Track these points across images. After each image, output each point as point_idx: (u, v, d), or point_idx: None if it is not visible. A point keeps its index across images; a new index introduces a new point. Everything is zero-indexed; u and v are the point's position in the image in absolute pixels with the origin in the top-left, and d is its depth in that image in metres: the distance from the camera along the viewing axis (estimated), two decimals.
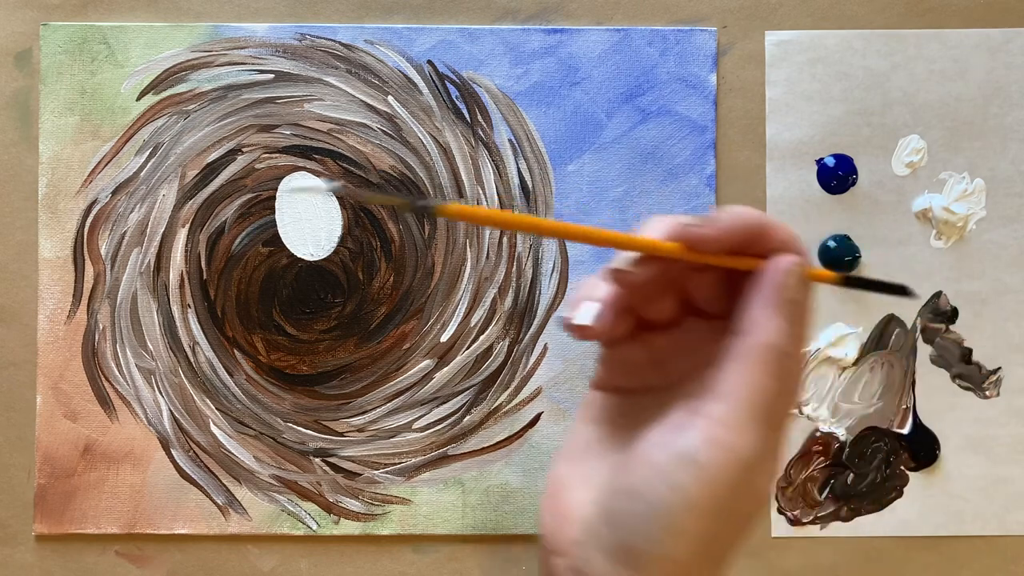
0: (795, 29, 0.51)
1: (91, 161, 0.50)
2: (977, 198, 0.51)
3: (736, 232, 0.29)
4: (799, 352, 0.29)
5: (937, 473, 0.51)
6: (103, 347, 0.50)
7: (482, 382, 0.51)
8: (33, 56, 0.51)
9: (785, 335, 0.29)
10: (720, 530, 0.28)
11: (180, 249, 0.51)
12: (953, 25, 0.51)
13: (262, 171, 0.51)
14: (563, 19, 0.51)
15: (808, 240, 0.51)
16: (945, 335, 0.51)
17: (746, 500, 0.28)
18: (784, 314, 0.29)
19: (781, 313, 0.29)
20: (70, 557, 0.50)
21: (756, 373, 0.28)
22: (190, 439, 0.50)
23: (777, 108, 0.51)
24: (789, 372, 0.29)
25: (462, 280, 0.51)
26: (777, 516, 0.50)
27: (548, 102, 0.51)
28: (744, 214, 0.29)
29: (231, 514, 0.50)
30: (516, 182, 0.51)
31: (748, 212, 0.30)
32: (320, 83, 0.51)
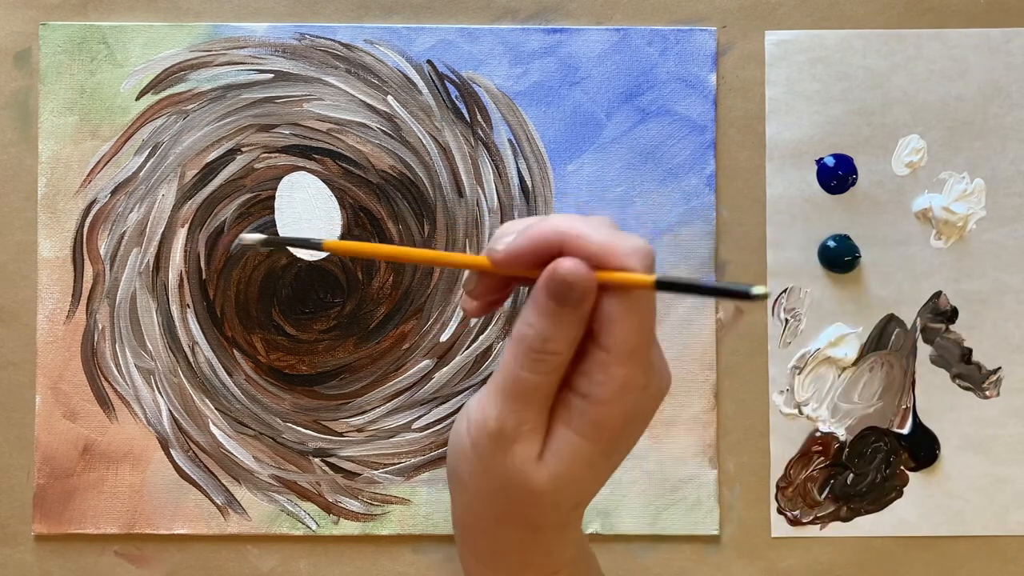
0: (795, 29, 0.51)
1: (90, 161, 0.50)
2: (977, 198, 0.51)
3: (532, 249, 0.32)
4: (558, 349, 0.32)
5: (937, 473, 0.51)
6: (102, 347, 0.50)
7: (482, 382, 0.51)
8: (32, 56, 0.51)
9: (538, 333, 0.32)
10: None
11: (179, 249, 0.51)
12: (953, 25, 0.51)
13: (261, 171, 0.51)
14: (563, 19, 0.51)
15: (808, 240, 0.51)
16: (945, 335, 0.51)
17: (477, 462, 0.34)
18: (542, 313, 0.32)
19: (538, 312, 0.32)
20: (69, 557, 0.50)
21: (508, 361, 0.33)
22: (189, 439, 0.50)
23: (777, 108, 0.51)
24: (540, 365, 0.32)
25: (462, 280, 0.51)
26: (777, 516, 0.50)
27: (548, 102, 0.51)
28: (541, 230, 0.32)
29: (230, 514, 0.50)
30: (516, 182, 0.51)
31: (547, 228, 0.32)
32: (319, 83, 0.51)
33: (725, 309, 0.51)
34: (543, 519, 0.34)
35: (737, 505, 0.50)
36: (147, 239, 0.51)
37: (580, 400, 0.33)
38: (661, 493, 0.50)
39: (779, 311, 0.51)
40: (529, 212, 0.51)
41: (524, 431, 0.33)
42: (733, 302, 0.51)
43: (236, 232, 0.51)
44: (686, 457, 0.50)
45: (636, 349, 0.32)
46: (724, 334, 0.51)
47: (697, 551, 0.50)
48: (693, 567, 0.50)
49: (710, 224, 0.51)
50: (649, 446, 0.50)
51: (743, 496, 0.51)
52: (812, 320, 0.51)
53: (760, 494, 0.51)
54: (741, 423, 0.51)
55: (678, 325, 0.51)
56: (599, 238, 0.32)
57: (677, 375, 0.50)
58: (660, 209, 0.51)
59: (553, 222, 0.32)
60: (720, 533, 0.50)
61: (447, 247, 0.51)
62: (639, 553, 0.50)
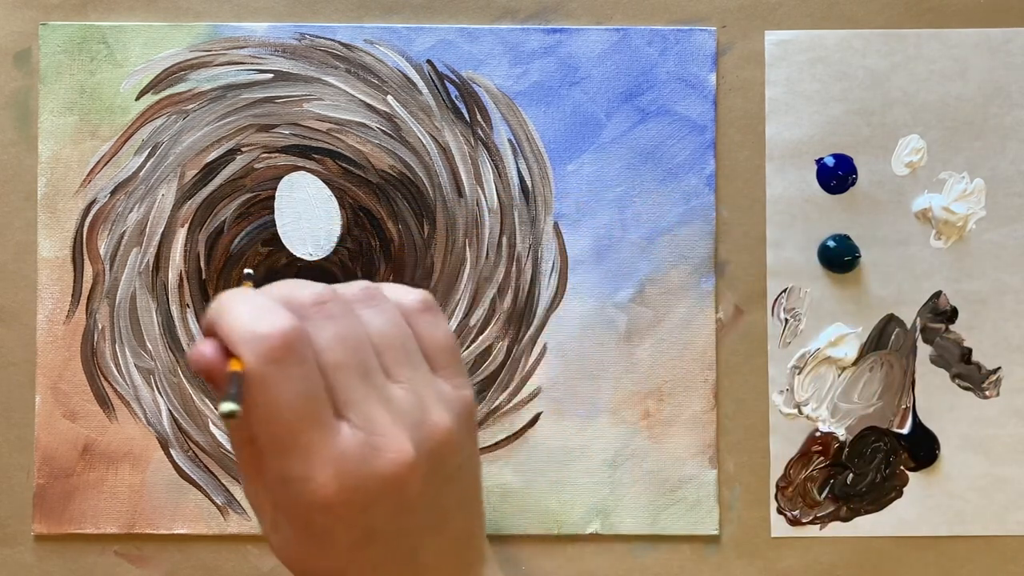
0: (795, 29, 0.51)
1: (90, 161, 0.50)
2: (977, 198, 0.51)
3: (207, 327, 0.33)
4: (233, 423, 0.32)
5: (937, 473, 0.51)
6: (102, 347, 0.50)
7: (481, 382, 0.51)
8: (32, 56, 0.51)
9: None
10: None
11: (179, 249, 0.51)
12: (953, 25, 0.51)
13: (261, 171, 0.51)
14: (562, 19, 0.51)
15: (808, 240, 0.51)
16: (945, 335, 0.51)
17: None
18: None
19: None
20: (69, 557, 0.50)
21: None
22: (189, 439, 0.50)
23: (777, 108, 0.51)
24: (230, 434, 0.35)
25: (461, 280, 0.51)
26: (776, 516, 0.50)
27: (548, 102, 0.51)
28: (210, 310, 0.33)
29: (230, 514, 0.50)
30: (516, 182, 0.51)
31: (213, 307, 0.33)
32: (319, 83, 0.51)
33: (725, 309, 0.51)
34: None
35: (737, 505, 0.51)
36: (147, 239, 0.51)
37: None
38: (661, 493, 0.50)
39: (779, 311, 0.51)
40: (529, 212, 0.51)
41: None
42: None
43: (236, 232, 0.51)
44: (686, 457, 0.50)
45: (265, 439, 0.32)
46: (724, 334, 0.51)
47: (697, 551, 0.50)
48: (693, 567, 0.50)
49: (710, 224, 0.51)
50: (649, 446, 0.50)
51: (743, 496, 0.51)
52: (812, 320, 0.51)
53: (760, 494, 0.51)
54: (741, 423, 0.51)
55: (678, 325, 0.51)
56: (226, 319, 0.32)
57: (677, 375, 0.51)
58: (660, 209, 0.51)
59: (220, 300, 0.33)
60: (720, 533, 0.50)
61: (447, 246, 0.51)
62: (639, 553, 0.50)
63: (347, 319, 0.34)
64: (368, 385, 0.33)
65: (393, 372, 0.34)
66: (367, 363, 0.33)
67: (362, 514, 0.33)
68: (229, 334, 0.32)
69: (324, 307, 0.33)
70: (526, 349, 0.51)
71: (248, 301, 0.32)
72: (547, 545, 0.50)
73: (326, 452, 0.32)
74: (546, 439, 0.50)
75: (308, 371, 0.32)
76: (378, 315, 0.35)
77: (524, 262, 0.51)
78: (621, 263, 0.51)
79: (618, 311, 0.51)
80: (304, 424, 0.31)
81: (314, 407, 0.32)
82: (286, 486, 0.32)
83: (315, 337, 0.33)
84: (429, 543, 0.35)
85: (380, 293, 0.36)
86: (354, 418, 0.32)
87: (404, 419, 0.33)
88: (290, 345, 0.31)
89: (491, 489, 0.50)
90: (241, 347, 0.31)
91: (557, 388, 0.51)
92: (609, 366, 0.51)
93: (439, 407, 0.34)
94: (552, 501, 0.50)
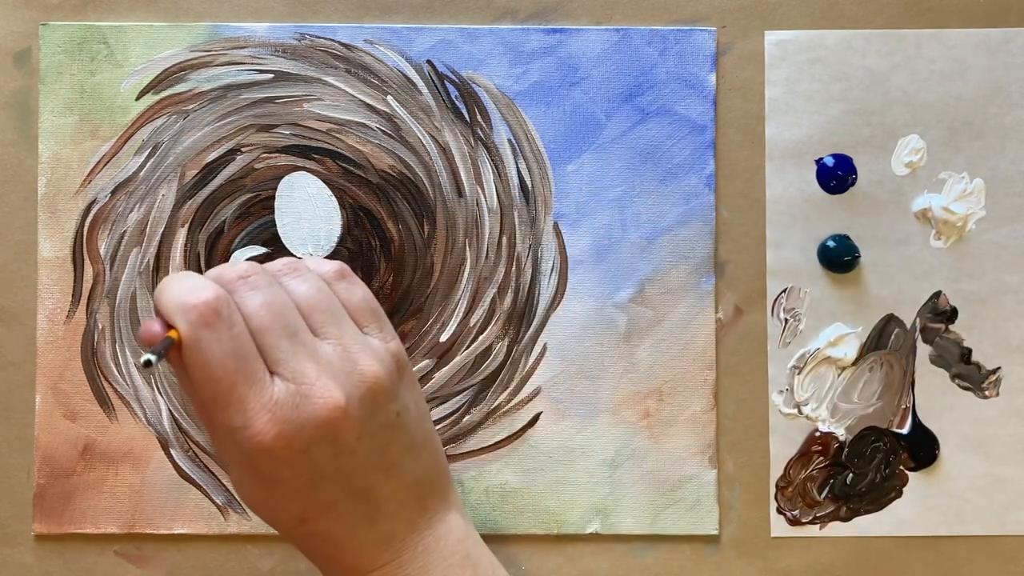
0: (795, 29, 0.51)
1: (90, 161, 0.50)
2: (977, 198, 0.51)
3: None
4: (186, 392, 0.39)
5: (936, 473, 0.51)
6: (102, 347, 0.50)
7: (481, 382, 0.51)
8: (32, 56, 0.51)
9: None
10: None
11: (179, 249, 0.51)
12: (953, 25, 0.51)
13: (261, 171, 0.51)
14: (562, 19, 0.51)
15: (808, 240, 0.51)
16: (944, 335, 0.51)
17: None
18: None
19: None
20: (69, 557, 0.50)
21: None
22: (189, 439, 0.50)
23: (777, 108, 0.51)
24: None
25: (461, 280, 0.51)
26: (776, 516, 0.50)
27: (547, 102, 0.51)
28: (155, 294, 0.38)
29: (230, 514, 0.50)
30: (515, 182, 0.51)
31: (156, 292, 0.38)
32: (319, 83, 0.51)
33: (725, 309, 0.51)
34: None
35: (737, 505, 0.51)
36: (147, 239, 0.51)
37: None
38: (661, 493, 0.50)
39: (779, 311, 0.51)
40: (529, 212, 0.51)
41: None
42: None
43: (236, 232, 0.51)
44: (686, 457, 0.50)
45: (204, 396, 0.37)
46: (724, 334, 0.51)
47: (697, 551, 0.50)
48: (693, 567, 0.50)
49: (710, 224, 0.51)
50: (649, 446, 0.50)
51: (743, 496, 0.51)
52: (812, 320, 0.51)
53: (760, 494, 0.51)
54: (741, 423, 0.51)
55: (678, 325, 0.51)
56: (163, 296, 0.37)
57: (677, 375, 0.51)
58: (660, 209, 0.51)
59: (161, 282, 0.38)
60: (720, 533, 0.50)
61: (447, 247, 0.51)
62: (639, 553, 0.50)
63: (271, 288, 0.38)
64: (296, 343, 0.37)
65: (321, 331, 0.38)
66: (293, 325, 0.37)
67: (303, 456, 0.36)
68: (166, 307, 0.37)
69: (249, 279, 0.38)
70: (526, 349, 0.51)
71: (181, 280, 0.37)
72: (547, 545, 0.50)
73: (260, 402, 0.36)
74: (546, 439, 0.50)
75: (237, 334, 0.36)
76: (302, 283, 0.39)
77: (524, 262, 0.51)
78: (621, 263, 0.51)
79: (618, 311, 0.51)
80: (237, 378, 0.36)
81: (245, 364, 0.36)
82: (231, 436, 0.36)
83: (242, 306, 0.37)
84: (382, 485, 0.39)
85: (302, 264, 0.40)
86: (285, 372, 0.36)
87: (332, 370, 0.37)
88: (215, 311, 0.36)
89: (491, 489, 0.50)
90: (175, 316, 0.36)
91: (557, 388, 0.51)
92: (609, 366, 0.51)
93: (368, 358, 0.38)
94: (552, 501, 0.50)
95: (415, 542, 0.40)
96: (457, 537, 0.41)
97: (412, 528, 0.40)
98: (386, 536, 0.39)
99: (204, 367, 0.36)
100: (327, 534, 0.39)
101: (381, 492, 0.39)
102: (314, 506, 0.38)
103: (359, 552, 0.39)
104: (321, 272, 0.40)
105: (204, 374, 0.36)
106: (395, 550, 0.39)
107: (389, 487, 0.39)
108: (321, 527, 0.38)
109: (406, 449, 0.39)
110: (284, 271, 0.39)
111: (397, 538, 0.39)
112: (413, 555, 0.39)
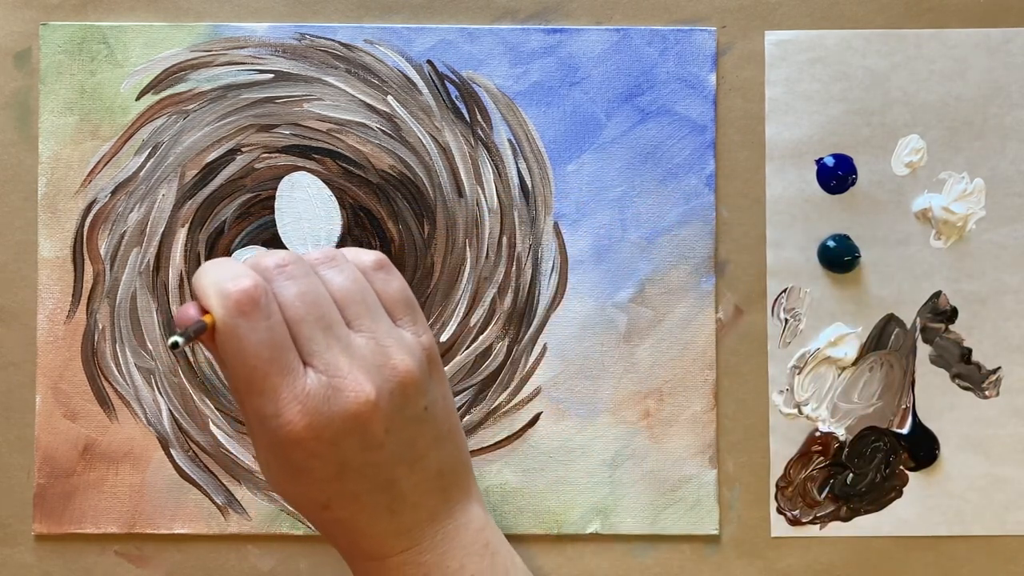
0: (795, 29, 0.51)
1: (90, 161, 0.50)
2: (977, 198, 0.51)
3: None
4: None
5: (936, 473, 0.51)
6: (102, 347, 0.50)
7: (481, 382, 0.51)
8: (32, 56, 0.51)
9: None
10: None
11: (180, 249, 0.51)
12: (953, 25, 0.51)
13: (261, 171, 0.51)
14: (563, 19, 0.51)
15: (808, 240, 0.51)
16: (945, 335, 0.51)
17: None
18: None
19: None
20: (69, 557, 0.50)
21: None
22: (189, 439, 0.50)
23: (777, 108, 0.51)
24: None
25: (461, 280, 0.51)
26: (776, 516, 0.50)
27: (548, 102, 0.51)
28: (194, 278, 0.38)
29: (230, 514, 0.50)
30: (516, 182, 0.51)
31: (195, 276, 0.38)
32: (320, 83, 0.51)
33: (725, 309, 0.51)
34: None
35: (737, 505, 0.51)
36: (147, 239, 0.51)
37: None
38: (661, 493, 0.50)
39: (779, 311, 0.51)
40: (529, 212, 0.51)
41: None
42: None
43: (236, 232, 0.51)
44: (686, 457, 0.50)
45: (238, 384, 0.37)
46: (724, 334, 0.51)
47: (697, 551, 0.50)
48: (693, 567, 0.50)
49: (710, 224, 0.51)
50: (648, 446, 0.50)
51: (743, 496, 0.51)
52: (812, 320, 0.51)
53: (760, 494, 0.51)
54: (741, 423, 0.51)
55: (678, 325, 0.51)
56: (202, 281, 0.37)
57: (677, 375, 0.51)
58: (660, 209, 0.51)
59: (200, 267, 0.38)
60: (720, 533, 0.50)
61: (447, 246, 0.51)
62: (639, 553, 0.50)
63: (308, 279, 0.38)
64: (330, 336, 0.37)
65: (355, 323, 0.38)
66: (329, 316, 0.38)
67: (332, 448, 0.37)
68: (203, 293, 0.37)
69: (286, 269, 0.38)
70: (526, 349, 0.51)
71: (220, 266, 0.37)
72: (547, 545, 0.50)
73: (292, 393, 0.36)
74: (546, 439, 0.50)
75: (273, 324, 0.36)
76: (338, 273, 0.39)
77: (524, 262, 0.51)
78: (621, 263, 0.51)
79: (618, 311, 0.51)
80: (271, 368, 0.36)
81: (279, 354, 0.36)
82: (262, 424, 0.37)
83: (279, 295, 0.37)
84: (406, 478, 0.39)
85: (340, 254, 0.40)
86: (318, 364, 0.37)
87: (365, 363, 0.37)
88: (254, 300, 0.36)
89: (491, 489, 0.50)
90: (212, 302, 0.36)
91: (557, 388, 0.51)
92: (609, 366, 0.51)
93: (400, 352, 0.38)
94: (552, 501, 0.50)
95: (435, 531, 0.40)
96: (477, 527, 0.41)
97: (433, 518, 0.40)
98: (407, 525, 0.39)
99: (239, 354, 0.36)
100: (349, 521, 0.39)
101: (405, 484, 0.39)
102: (338, 495, 0.38)
103: (379, 540, 0.39)
104: (359, 262, 0.40)
105: (238, 361, 0.36)
106: (415, 538, 0.40)
107: (413, 479, 0.39)
108: (343, 514, 0.39)
109: (432, 442, 0.40)
110: (322, 260, 0.39)
111: (417, 527, 0.40)
112: (432, 543, 0.40)
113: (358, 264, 0.40)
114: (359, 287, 0.39)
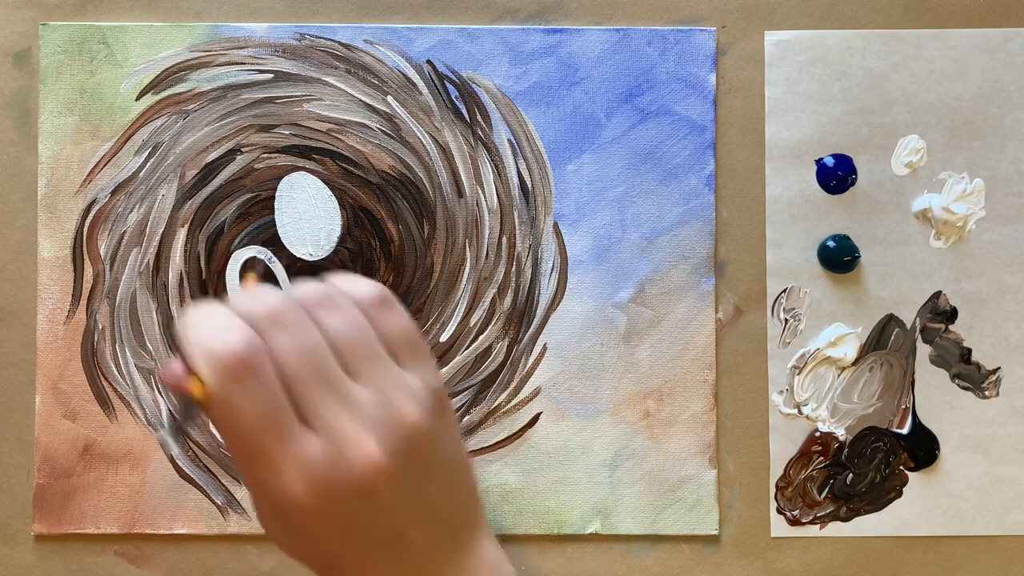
0: (795, 29, 0.51)
1: (90, 161, 0.50)
2: (977, 198, 0.51)
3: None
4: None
5: (936, 473, 0.51)
6: (102, 347, 0.50)
7: (481, 382, 0.51)
8: (32, 56, 0.51)
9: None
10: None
11: (179, 249, 0.51)
12: (953, 25, 0.51)
13: (261, 171, 0.51)
14: (563, 19, 0.51)
15: (808, 240, 0.51)
16: (944, 335, 0.51)
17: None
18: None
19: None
20: (69, 557, 0.50)
21: None
22: (189, 439, 0.50)
23: (776, 108, 0.51)
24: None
25: (461, 280, 0.51)
26: (776, 516, 0.50)
27: (547, 102, 0.51)
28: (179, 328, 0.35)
29: (230, 514, 0.50)
30: (516, 182, 0.51)
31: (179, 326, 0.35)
32: (319, 83, 0.51)
33: (725, 309, 0.51)
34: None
35: (736, 505, 0.51)
36: (147, 239, 0.51)
37: None
38: (660, 493, 0.50)
39: (779, 311, 0.51)
40: (529, 212, 0.51)
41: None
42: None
43: (236, 232, 0.51)
44: (685, 457, 0.50)
45: (234, 450, 0.34)
46: (724, 334, 0.51)
47: (696, 551, 0.50)
48: (693, 567, 0.50)
49: (710, 224, 0.51)
50: (648, 446, 0.50)
51: (742, 496, 0.51)
52: (811, 320, 0.51)
53: (759, 494, 0.51)
54: (741, 423, 0.51)
55: (678, 325, 0.51)
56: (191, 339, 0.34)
57: (677, 375, 0.51)
58: (660, 209, 0.51)
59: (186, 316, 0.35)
60: (720, 533, 0.50)
61: (447, 246, 0.51)
62: (639, 553, 0.50)
63: (304, 327, 0.35)
64: (330, 392, 0.34)
65: (356, 373, 0.35)
66: (327, 370, 0.34)
67: (336, 511, 0.34)
68: (191, 353, 0.34)
69: (280, 317, 0.34)
70: (526, 349, 0.51)
71: (207, 320, 0.34)
72: (547, 545, 0.50)
73: (292, 461, 0.33)
74: (546, 439, 0.50)
75: (267, 386, 0.33)
76: (337, 317, 0.36)
77: (524, 262, 0.51)
78: (621, 263, 0.51)
79: (618, 311, 0.51)
80: (268, 436, 0.33)
81: (276, 419, 0.33)
82: (261, 490, 0.35)
83: (274, 351, 0.34)
84: (416, 528, 0.36)
85: (337, 292, 0.36)
86: (319, 426, 0.34)
87: (370, 420, 0.34)
88: (247, 363, 0.33)
89: (491, 489, 0.50)
90: (201, 367, 0.33)
91: (557, 388, 0.51)
92: (609, 366, 0.51)
93: (407, 401, 0.35)
94: (552, 501, 0.50)
95: (443, 574, 0.38)
96: (489, 566, 0.39)
97: (443, 563, 0.38)
98: (414, 572, 0.37)
99: (232, 423, 0.34)
100: (354, 572, 0.37)
101: (414, 535, 0.36)
102: (344, 554, 0.36)
103: None
104: (358, 298, 0.37)
105: (232, 430, 0.34)
106: None
107: (423, 529, 0.37)
108: (348, 567, 0.37)
109: (442, 488, 0.37)
110: (319, 302, 0.36)
111: (425, 572, 0.37)
112: None
113: (357, 300, 0.37)
114: (359, 331, 0.36)
